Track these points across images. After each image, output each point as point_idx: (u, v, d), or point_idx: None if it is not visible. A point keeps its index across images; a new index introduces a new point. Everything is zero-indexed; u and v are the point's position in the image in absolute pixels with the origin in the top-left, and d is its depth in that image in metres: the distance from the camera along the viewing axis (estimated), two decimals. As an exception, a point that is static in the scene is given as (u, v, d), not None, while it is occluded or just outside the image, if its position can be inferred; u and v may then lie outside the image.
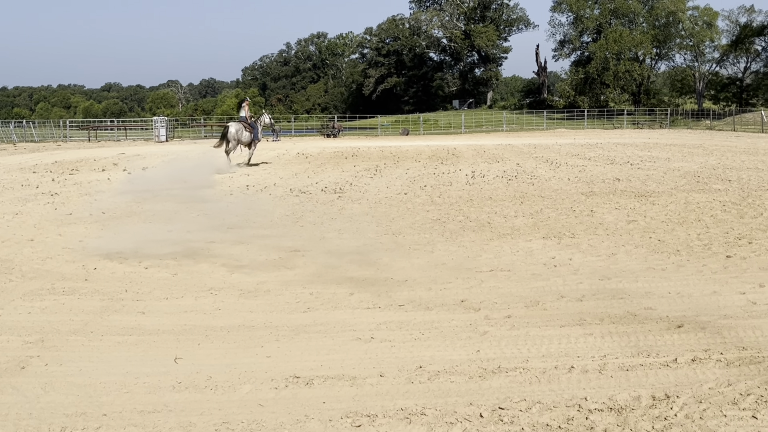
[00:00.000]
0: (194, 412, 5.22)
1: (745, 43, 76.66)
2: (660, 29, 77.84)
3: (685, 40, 78.26)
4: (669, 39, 78.39)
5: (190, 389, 5.64)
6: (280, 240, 11.79)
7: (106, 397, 5.51)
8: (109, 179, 22.77)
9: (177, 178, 21.95)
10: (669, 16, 77.17)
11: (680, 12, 76.77)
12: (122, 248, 10.93)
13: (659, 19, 77.84)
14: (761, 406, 5.10)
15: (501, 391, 5.51)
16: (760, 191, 16.81)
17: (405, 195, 17.60)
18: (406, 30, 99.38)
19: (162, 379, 5.84)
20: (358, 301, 8.03)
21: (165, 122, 53.36)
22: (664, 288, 8.37)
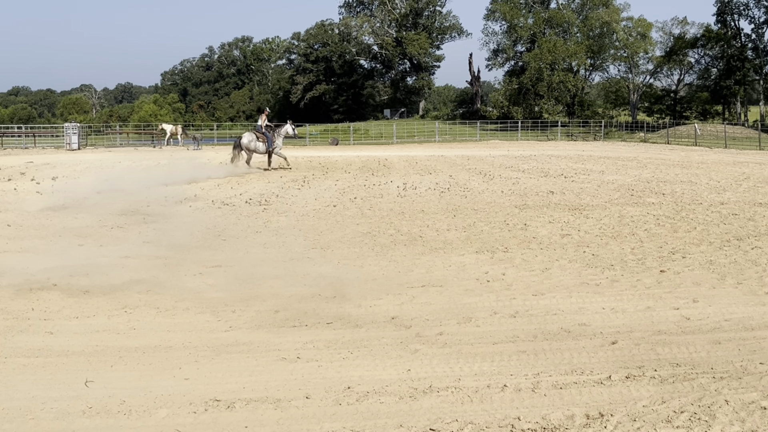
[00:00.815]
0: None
1: (678, 55, 79.17)
2: (594, 40, 79.78)
3: (620, 51, 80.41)
4: (603, 50, 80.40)
5: (102, 414, 5.48)
6: (200, 255, 11.62)
7: (9, 424, 5.31)
8: (16, 189, 22.11)
9: (93, 189, 21.49)
10: (603, 27, 79.16)
11: (614, 23, 78.84)
12: (27, 265, 10.62)
13: (593, 29, 79.78)
14: (695, 424, 5.22)
15: (432, 411, 5.52)
16: (694, 205, 17.32)
17: (334, 207, 17.56)
18: (335, 36, 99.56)
19: (71, 404, 5.66)
20: (283, 319, 7.95)
21: (77, 129, 51.99)
22: (598, 303, 8.53)
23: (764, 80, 74.15)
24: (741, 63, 73.64)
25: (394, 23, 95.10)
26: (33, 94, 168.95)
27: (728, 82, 74.68)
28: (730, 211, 16.11)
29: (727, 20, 74.89)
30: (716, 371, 6.25)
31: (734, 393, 5.76)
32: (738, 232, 13.40)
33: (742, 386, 5.91)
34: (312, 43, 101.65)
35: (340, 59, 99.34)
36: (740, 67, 73.57)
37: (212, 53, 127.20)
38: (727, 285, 9.41)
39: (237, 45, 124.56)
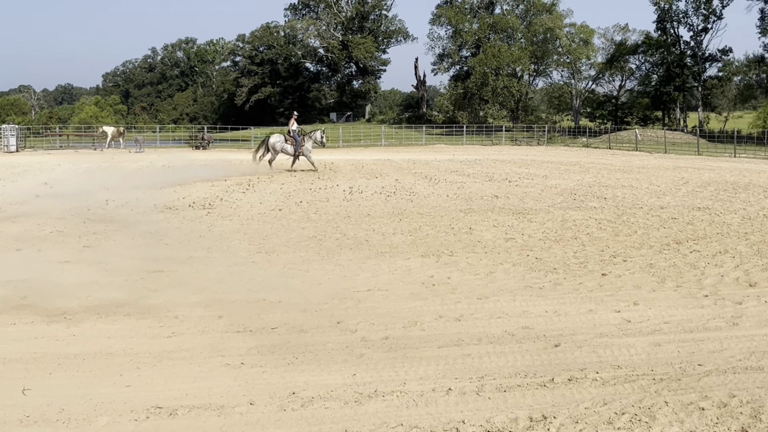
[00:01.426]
0: (44, 448, 4.98)
1: (619, 62, 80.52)
2: (538, 45, 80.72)
3: (563, 57, 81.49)
4: (547, 55, 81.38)
5: (40, 423, 5.37)
6: (142, 260, 11.45)
7: (-58, 434, 5.18)
8: (-50, 192, 21.53)
9: (32, 193, 21.05)
10: (547, 33, 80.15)
11: (558, 29, 79.87)
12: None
13: (537, 35, 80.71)
14: (635, 425, 5.32)
15: (377, 416, 5.52)
16: (635, 209, 17.64)
17: (279, 211, 17.47)
18: (280, 38, 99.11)
19: (8, 412, 5.53)
20: (227, 324, 7.88)
21: (15, 131, 50.71)
22: (541, 307, 8.63)
23: (703, 87, 75.91)
24: (680, 70, 75.22)
25: (340, 26, 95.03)
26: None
27: (668, 88, 76.20)
28: (670, 216, 16.44)
29: (667, 27, 76.45)
30: (656, 373, 6.37)
31: (673, 394, 5.88)
32: (677, 236, 13.68)
33: (681, 387, 6.03)
34: (257, 46, 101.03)
35: (286, 62, 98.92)
36: (679, 73, 75.15)
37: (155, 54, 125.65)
38: (666, 288, 9.60)
39: (180, 46, 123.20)
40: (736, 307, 8.55)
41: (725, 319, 8.06)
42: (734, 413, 5.51)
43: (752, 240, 13.22)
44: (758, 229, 14.44)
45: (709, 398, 5.79)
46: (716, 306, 8.64)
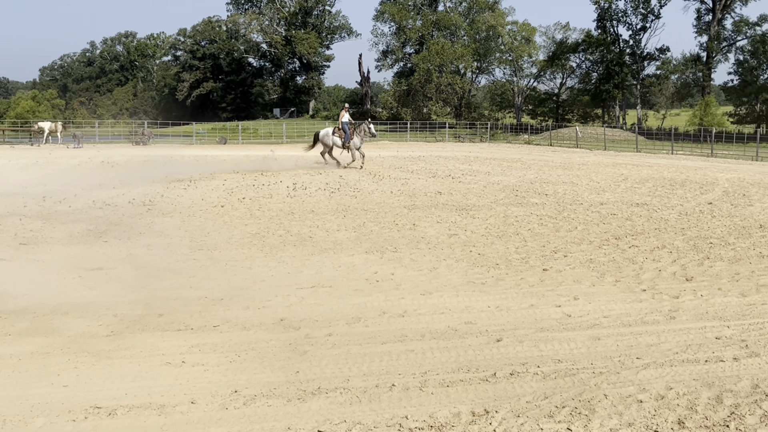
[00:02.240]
0: (-23, 451, 4.86)
1: (560, 60, 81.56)
2: (480, 43, 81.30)
3: (505, 55, 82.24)
4: (489, 53, 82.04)
5: (-27, 426, 5.24)
6: (80, 257, 11.24)
7: None
8: None
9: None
10: (489, 30, 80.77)
11: (500, 26, 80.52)
12: None
13: (480, 32, 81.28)
14: (575, 418, 5.40)
15: (321, 413, 5.51)
16: (575, 205, 17.90)
17: (222, 208, 17.29)
18: (223, 33, 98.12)
19: (-61, 415, 5.39)
20: (168, 323, 7.78)
21: (-54, 126, 49.32)
22: (483, 302, 8.70)
23: (641, 85, 77.35)
24: (619, 68, 76.50)
25: (284, 22, 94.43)
26: None
27: (607, 86, 77.44)
28: (609, 211, 16.72)
29: (607, 26, 77.70)
30: (596, 366, 6.47)
31: (613, 387, 5.98)
32: (616, 232, 13.91)
33: (620, 381, 6.14)
34: (198, 40, 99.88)
35: (228, 57, 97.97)
36: (619, 71, 76.42)
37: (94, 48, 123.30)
38: (606, 282, 9.76)
39: (120, 40, 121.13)
40: (673, 301, 8.74)
41: (663, 313, 8.22)
42: (671, 405, 5.63)
43: (689, 235, 13.52)
44: (694, 225, 14.77)
45: (647, 391, 5.90)
46: (654, 300, 8.82)
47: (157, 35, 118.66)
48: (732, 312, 8.26)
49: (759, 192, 21.19)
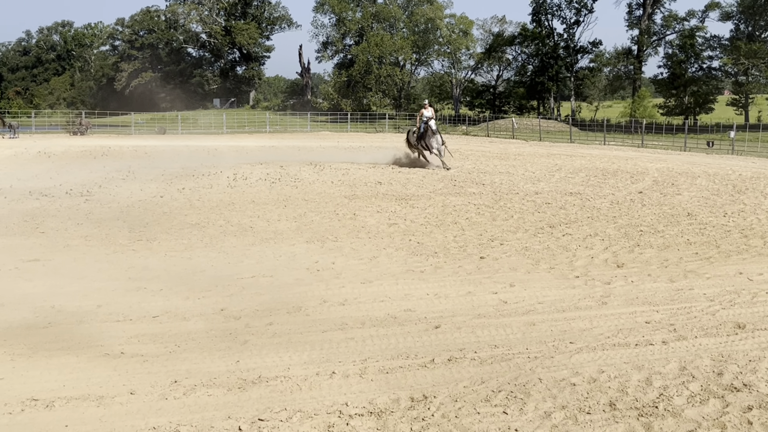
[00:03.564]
0: None
1: (497, 52, 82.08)
2: (419, 35, 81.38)
3: (443, 47, 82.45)
4: (428, 45, 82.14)
5: None
6: (16, 248, 10.97)
7: None
8: None
9: None
10: (428, 23, 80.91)
11: (438, 19, 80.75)
12: None
13: (419, 25, 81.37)
14: (511, 402, 5.47)
15: (261, 401, 5.48)
16: (511, 195, 18.09)
17: (161, 198, 17.04)
18: (162, 23, 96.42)
19: None
20: (106, 314, 7.64)
21: None
22: (422, 290, 8.74)
23: (575, 77, 78.39)
24: (554, 61, 77.37)
25: (223, 12, 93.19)
26: None
27: (542, 78, 78.22)
28: (544, 201, 16.94)
29: (542, 20, 78.44)
30: (531, 351, 6.56)
31: (547, 371, 6.07)
32: (551, 220, 14.11)
33: (554, 365, 6.23)
34: (137, 30, 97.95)
35: (167, 47, 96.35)
36: (553, 64, 77.28)
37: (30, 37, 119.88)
38: (540, 270, 9.90)
39: (57, 29, 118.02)
40: (605, 287, 8.90)
41: (595, 299, 8.37)
42: (603, 388, 5.74)
43: (620, 223, 13.77)
44: (626, 213, 15.05)
45: (580, 374, 6.00)
46: (586, 286, 8.97)
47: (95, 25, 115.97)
48: (661, 297, 8.45)
49: (687, 181, 21.69)
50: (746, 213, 15.11)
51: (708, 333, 7.09)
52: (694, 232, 12.93)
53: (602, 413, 5.28)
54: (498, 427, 5.05)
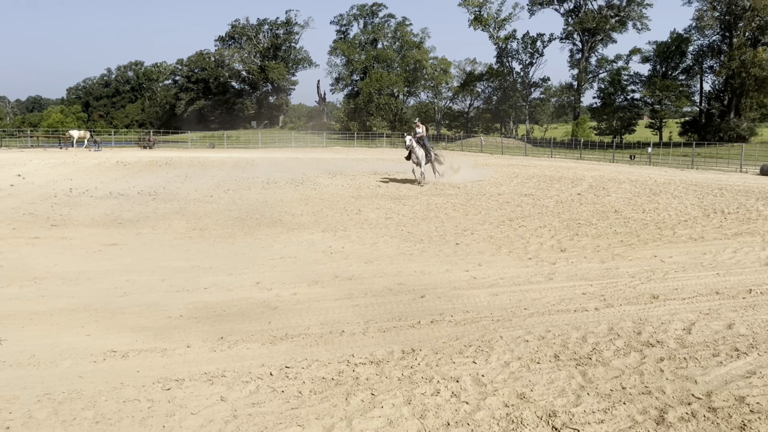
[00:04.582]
0: (18, 386, 4.71)
1: (470, 86, 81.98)
2: (410, 72, 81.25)
3: (428, 82, 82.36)
4: (416, 80, 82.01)
5: (15, 367, 5.07)
6: (100, 235, 10.96)
7: (-70, 379, 4.81)
8: (-64, 182, 19.94)
9: (6, 183, 19.75)
10: (416, 63, 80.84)
11: (424, 60, 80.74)
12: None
13: (409, 65, 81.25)
14: (479, 353, 5.47)
15: (287, 353, 5.49)
16: (479, 196, 18.08)
17: (211, 197, 17.02)
18: (211, 62, 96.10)
19: (-14, 359, 5.20)
20: (169, 286, 7.65)
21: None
22: (411, 268, 8.75)
23: (529, 105, 78.24)
24: (513, 92, 77.26)
25: (259, 54, 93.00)
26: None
27: (504, 106, 78.12)
28: (505, 200, 16.93)
29: (504, 61, 78.28)
30: (494, 315, 6.57)
31: (507, 330, 6.08)
32: (510, 215, 14.11)
33: (512, 326, 6.24)
34: (192, 68, 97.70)
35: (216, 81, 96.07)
36: (512, 95, 77.20)
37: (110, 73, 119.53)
38: (502, 253, 9.90)
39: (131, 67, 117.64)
40: (551, 267, 8.91)
41: (543, 275, 8.38)
42: (549, 343, 5.75)
43: (563, 218, 13.78)
44: (567, 210, 15.06)
45: (532, 333, 6.01)
46: (537, 266, 8.98)
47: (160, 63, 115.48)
48: (594, 274, 8.46)
49: (614, 186, 21.67)
50: (660, 210, 15.11)
51: (630, 302, 7.10)
52: (619, 224, 12.94)
53: (549, 363, 5.29)
54: (469, 372, 5.06)
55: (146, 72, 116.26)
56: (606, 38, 72.40)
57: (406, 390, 4.73)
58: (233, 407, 4.44)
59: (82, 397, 4.53)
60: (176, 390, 4.69)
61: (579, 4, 72.98)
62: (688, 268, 8.75)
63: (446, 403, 4.53)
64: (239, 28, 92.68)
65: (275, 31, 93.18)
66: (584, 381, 4.92)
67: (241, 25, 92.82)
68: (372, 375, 5.02)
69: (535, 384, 4.85)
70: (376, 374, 5.03)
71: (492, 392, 4.69)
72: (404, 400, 4.56)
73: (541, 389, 4.76)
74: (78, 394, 4.57)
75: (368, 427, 4.17)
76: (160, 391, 4.67)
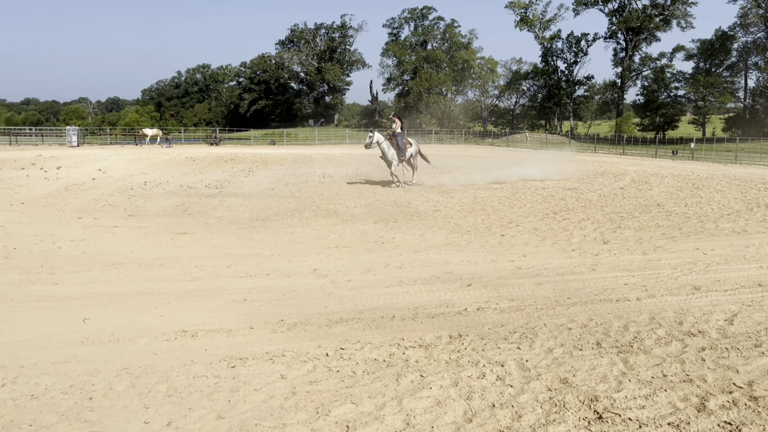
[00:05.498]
0: (99, 361, 4.90)
1: (515, 84, 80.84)
2: (458, 72, 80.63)
3: (475, 81, 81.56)
4: (464, 80, 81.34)
5: (96, 343, 5.28)
6: (172, 225, 11.27)
7: (23, 352, 5.06)
8: (28, 176, 20.85)
9: (89, 176, 20.51)
10: (464, 63, 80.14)
11: (472, 60, 79.95)
12: (37, 232, 10.09)
13: (457, 65, 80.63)
14: (523, 340, 5.42)
15: (342, 335, 5.54)
16: (524, 190, 17.84)
17: (272, 190, 17.28)
18: (272, 65, 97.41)
19: (72, 336, 5.43)
20: (234, 272, 7.81)
21: (77, 131, 48.77)
22: (458, 258, 8.71)
23: (573, 103, 76.65)
24: (557, 90, 75.80)
25: (316, 57, 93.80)
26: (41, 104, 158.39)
27: (549, 104, 76.76)
28: (549, 194, 16.67)
29: (549, 60, 76.83)
30: (538, 304, 6.49)
31: (550, 318, 6.00)
32: (554, 208, 13.88)
33: (555, 314, 6.15)
34: (255, 70, 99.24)
35: (276, 82, 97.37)
36: (557, 93, 75.75)
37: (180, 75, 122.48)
38: (546, 244, 9.76)
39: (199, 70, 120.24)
40: (594, 258, 8.74)
41: (586, 266, 8.22)
42: (592, 331, 5.64)
43: (606, 211, 13.49)
44: (610, 203, 14.73)
45: (575, 321, 5.91)
46: (580, 257, 8.82)
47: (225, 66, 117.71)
48: (636, 266, 8.26)
49: (657, 180, 21.08)
50: (702, 204, 14.63)
51: (672, 292, 6.91)
52: (662, 217, 12.59)
53: (591, 350, 5.20)
54: (513, 357, 5.01)
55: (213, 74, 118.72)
56: (650, 37, 70.25)
57: (454, 373, 4.72)
58: (292, 384, 4.52)
59: (156, 372, 4.68)
60: (240, 368, 4.79)
61: (623, 3, 70.97)
62: (731, 261, 8.45)
63: (491, 385, 4.51)
64: (298, 32, 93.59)
65: (331, 35, 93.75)
66: (626, 368, 4.82)
67: (299, 29, 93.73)
68: (421, 358, 5.02)
69: (578, 370, 4.77)
70: (425, 357, 5.04)
71: (536, 377, 4.64)
72: (451, 382, 4.55)
73: (584, 375, 4.68)
74: (152, 370, 4.73)
75: (417, 406, 4.19)
76: (226, 368, 4.78)
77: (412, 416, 4.06)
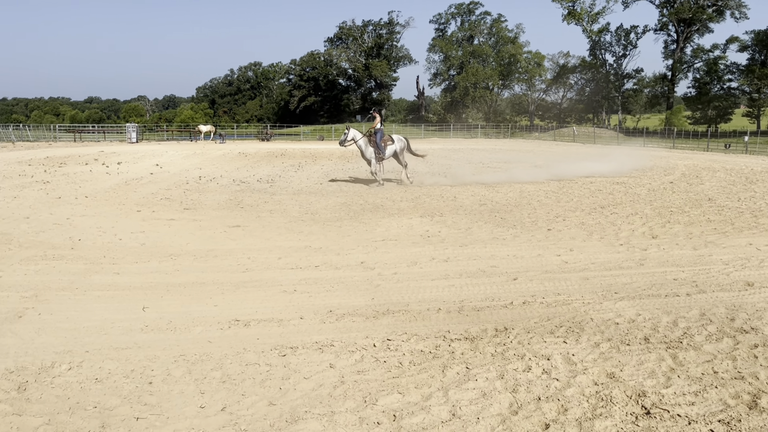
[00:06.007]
0: (158, 347, 5.06)
1: (562, 78, 79.31)
2: (504, 66, 79.57)
3: (522, 75, 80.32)
4: (510, 74, 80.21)
5: (155, 331, 5.45)
6: (225, 218, 11.51)
7: (88, 338, 5.27)
8: (91, 171, 21.62)
9: (147, 171, 21.09)
10: (511, 58, 79.01)
11: (519, 55, 78.73)
12: (100, 225, 10.46)
13: (504, 59, 79.55)
14: (570, 335, 5.34)
15: (389, 327, 5.57)
16: (572, 183, 17.51)
17: (320, 185, 17.45)
18: (321, 62, 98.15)
19: (133, 323, 5.63)
20: (284, 264, 7.94)
21: (135, 128, 50.30)
22: (504, 252, 8.63)
23: (621, 96, 74.73)
24: (605, 84, 74.05)
25: (364, 53, 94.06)
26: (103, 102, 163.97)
27: (597, 97, 75.06)
28: (597, 188, 16.32)
29: (597, 54, 75.07)
30: (585, 298, 6.38)
31: (597, 313, 5.89)
32: (602, 202, 13.59)
33: (602, 309, 6.04)
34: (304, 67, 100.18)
35: (325, 79, 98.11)
36: (605, 87, 73.99)
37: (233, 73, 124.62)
38: (593, 239, 9.57)
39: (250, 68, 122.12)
40: (642, 253, 8.53)
41: (634, 261, 8.04)
42: (639, 326, 5.52)
43: (655, 205, 13.13)
44: (659, 198, 14.33)
45: (623, 316, 5.80)
46: (628, 252, 8.62)
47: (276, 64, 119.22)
48: (686, 261, 8.03)
49: (708, 174, 20.39)
50: (756, 198, 14.09)
51: (723, 288, 6.69)
52: (713, 212, 12.18)
53: (638, 345, 5.09)
54: (559, 351, 4.95)
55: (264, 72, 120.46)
56: (702, 28, 67.75)
57: (499, 365, 4.70)
58: (341, 374, 4.58)
59: (211, 360, 4.81)
60: (291, 356, 4.88)
61: (675, -6, 68.62)
62: (786, 257, 8.12)
63: (537, 379, 4.46)
64: (346, 30, 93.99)
65: (378, 31, 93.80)
66: (675, 364, 4.70)
67: (347, 26, 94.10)
68: (467, 350, 5.01)
69: (625, 365, 4.68)
70: (471, 350, 5.02)
71: (582, 371, 4.58)
72: (497, 375, 4.53)
73: (631, 370, 4.59)
74: (207, 357, 4.86)
75: (463, 397, 4.18)
76: (277, 356, 4.88)
77: (457, 407, 4.06)
